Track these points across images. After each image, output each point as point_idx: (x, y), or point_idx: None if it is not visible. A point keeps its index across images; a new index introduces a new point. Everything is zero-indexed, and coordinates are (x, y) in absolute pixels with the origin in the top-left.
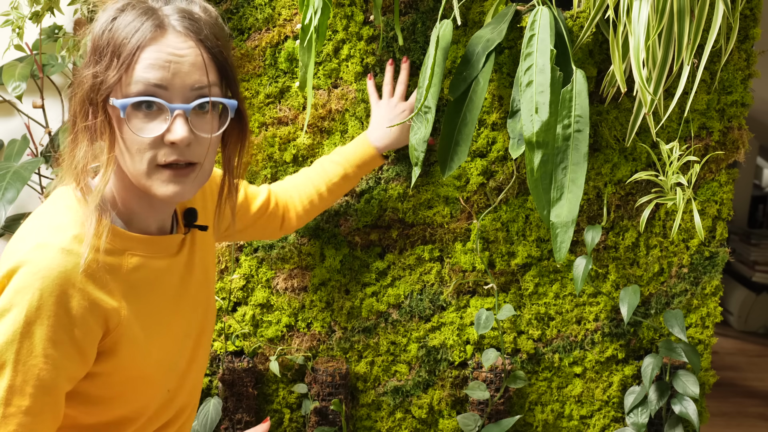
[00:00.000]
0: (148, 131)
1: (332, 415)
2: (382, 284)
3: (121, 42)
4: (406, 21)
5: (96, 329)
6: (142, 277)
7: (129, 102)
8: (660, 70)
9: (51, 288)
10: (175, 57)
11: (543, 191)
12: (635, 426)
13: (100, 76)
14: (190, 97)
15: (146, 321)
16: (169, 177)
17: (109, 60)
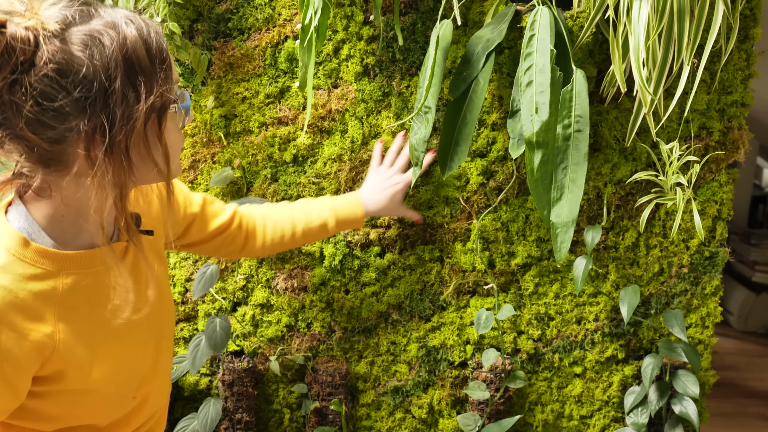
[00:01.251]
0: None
1: (332, 415)
2: (382, 284)
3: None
4: (406, 21)
5: (28, 362)
6: (81, 295)
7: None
8: (660, 70)
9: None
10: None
11: (543, 191)
12: (635, 426)
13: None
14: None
15: (90, 338)
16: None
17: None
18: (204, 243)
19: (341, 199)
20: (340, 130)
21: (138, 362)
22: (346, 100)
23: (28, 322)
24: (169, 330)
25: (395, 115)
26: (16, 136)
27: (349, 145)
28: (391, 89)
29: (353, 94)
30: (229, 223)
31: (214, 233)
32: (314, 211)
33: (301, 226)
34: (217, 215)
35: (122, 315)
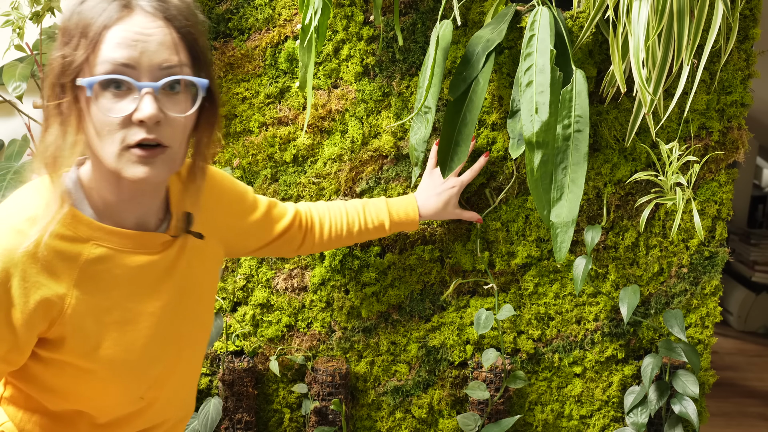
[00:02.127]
0: (117, 111)
1: (332, 415)
2: (382, 284)
3: (88, 22)
4: (406, 21)
5: (34, 315)
6: (106, 269)
7: (96, 80)
8: (660, 70)
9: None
10: (143, 36)
11: (543, 191)
12: (635, 426)
13: (69, 57)
14: (158, 76)
15: (103, 314)
16: (138, 158)
17: (77, 41)
18: (266, 246)
19: (398, 202)
20: (340, 130)
21: (151, 360)
22: (346, 100)
23: (43, 277)
24: (196, 341)
25: (395, 115)
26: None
27: (349, 145)
28: (391, 89)
29: (353, 94)
30: (290, 224)
31: (277, 236)
32: (371, 210)
33: (357, 225)
34: (281, 218)
35: (144, 305)
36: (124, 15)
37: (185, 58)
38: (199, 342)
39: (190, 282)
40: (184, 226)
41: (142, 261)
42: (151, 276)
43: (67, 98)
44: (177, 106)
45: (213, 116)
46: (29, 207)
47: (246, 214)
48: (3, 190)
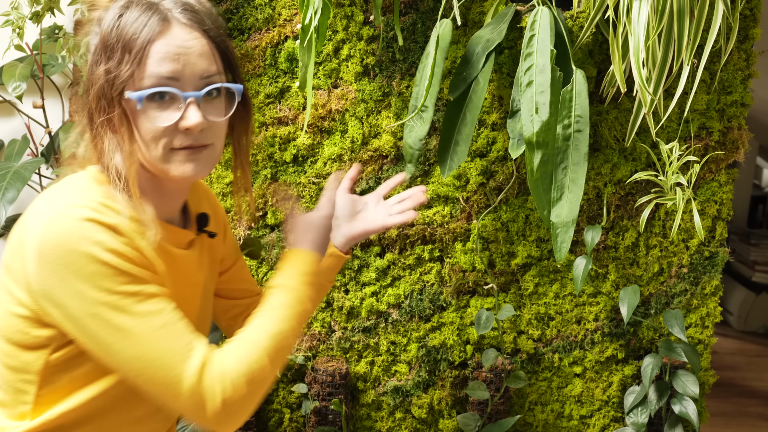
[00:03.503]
0: (163, 120)
1: (332, 415)
2: (382, 284)
3: (131, 38)
4: (406, 21)
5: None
6: (161, 256)
7: (145, 94)
8: (660, 70)
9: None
10: (183, 49)
11: (543, 191)
12: (635, 426)
13: (113, 71)
14: (199, 85)
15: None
16: (185, 156)
17: (120, 56)
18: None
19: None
20: (340, 130)
21: None
22: (346, 100)
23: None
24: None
25: (395, 115)
26: None
27: (349, 145)
28: (391, 89)
29: (353, 94)
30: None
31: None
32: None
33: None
34: (250, 279)
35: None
36: (164, 29)
37: (221, 66)
38: None
39: (208, 279)
40: (201, 225)
41: (180, 254)
42: (190, 268)
43: (117, 111)
44: (216, 110)
45: (248, 116)
46: (96, 192)
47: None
48: (3, 191)
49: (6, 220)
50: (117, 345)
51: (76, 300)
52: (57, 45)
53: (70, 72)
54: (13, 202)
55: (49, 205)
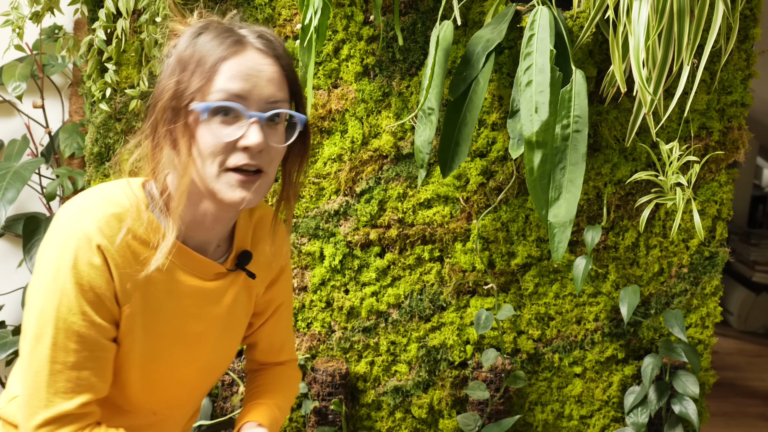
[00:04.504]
0: (225, 135)
1: (332, 415)
2: (382, 284)
3: (204, 54)
4: (406, 21)
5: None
6: (164, 281)
7: (211, 105)
8: (660, 70)
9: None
10: (255, 71)
11: (541, 191)
12: (635, 426)
13: (184, 83)
14: (265, 108)
15: (152, 326)
16: (237, 181)
17: (193, 69)
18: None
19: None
20: (340, 130)
21: (177, 381)
22: (346, 100)
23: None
24: (218, 373)
25: (395, 115)
26: None
27: (349, 145)
28: (391, 89)
29: (353, 94)
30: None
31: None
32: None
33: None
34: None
35: (188, 326)
36: (238, 50)
37: (287, 94)
38: (221, 372)
39: (232, 316)
40: (240, 262)
41: (195, 283)
42: (199, 300)
43: (181, 122)
44: (277, 136)
45: (304, 149)
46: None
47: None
48: (3, 190)
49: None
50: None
51: (32, 284)
52: (57, 45)
53: (70, 72)
54: (13, 202)
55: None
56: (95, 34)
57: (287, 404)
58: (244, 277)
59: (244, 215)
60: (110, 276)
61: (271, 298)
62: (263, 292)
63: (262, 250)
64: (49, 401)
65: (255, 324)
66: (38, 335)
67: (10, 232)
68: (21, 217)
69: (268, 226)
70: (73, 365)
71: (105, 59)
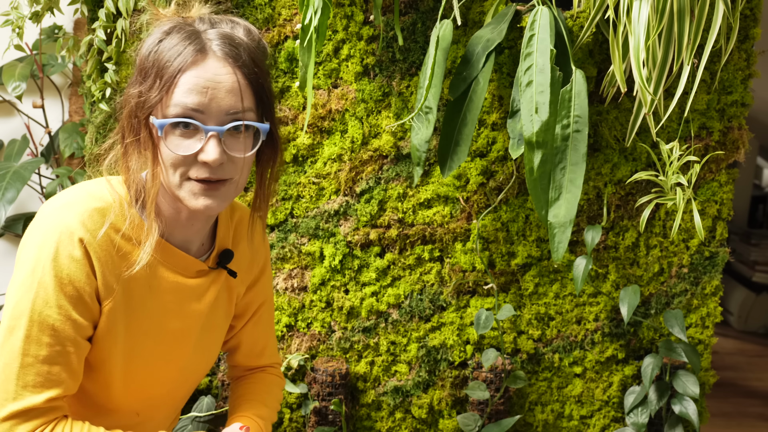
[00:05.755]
0: (184, 149)
1: (332, 415)
2: (382, 284)
3: (164, 65)
4: (406, 21)
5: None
6: (146, 276)
7: (166, 123)
8: (660, 70)
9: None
10: (213, 83)
11: (541, 191)
12: (635, 426)
13: (144, 95)
14: (224, 120)
15: (133, 322)
16: (200, 190)
17: (152, 81)
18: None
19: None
20: (340, 130)
21: (159, 380)
22: (346, 100)
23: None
24: (201, 372)
25: (395, 115)
26: None
27: (349, 145)
28: (391, 89)
29: (353, 94)
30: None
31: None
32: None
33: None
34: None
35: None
36: (198, 59)
37: (250, 103)
38: (202, 374)
39: (213, 315)
40: (222, 260)
41: (177, 280)
42: (180, 297)
43: (144, 133)
44: (239, 145)
45: (274, 153)
46: (99, 199)
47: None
48: (3, 190)
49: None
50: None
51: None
52: (57, 45)
53: (69, 72)
54: (13, 202)
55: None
56: (95, 34)
57: (272, 414)
58: (226, 276)
59: (225, 215)
60: (91, 270)
61: (252, 299)
62: (244, 293)
63: (243, 250)
64: (18, 394)
65: (236, 326)
66: (12, 327)
67: (10, 232)
68: (21, 217)
69: (247, 226)
70: (45, 359)
71: (105, 59)
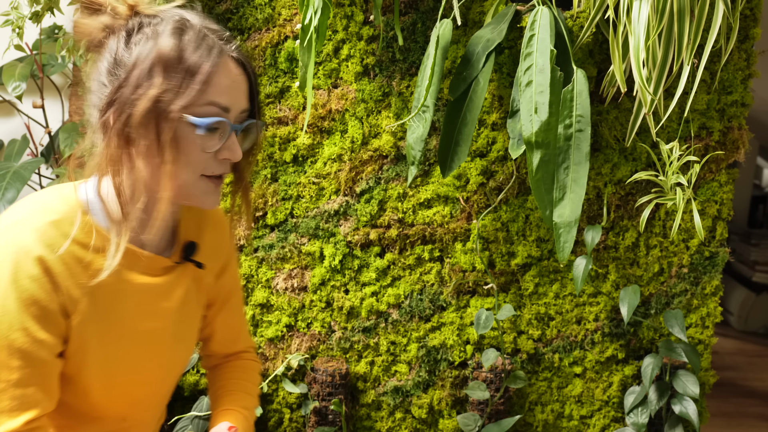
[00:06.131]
0: (211, 146)
1: (332, 415)
2: (382, 284)
3: (194, 64)
4: (406, 21)
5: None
6: (112, 282)
7: (209, 122)
8: (660, 70)
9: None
10: (236, 83)
11: (545, 191)
12: (635, 426)
13: (171, 92)
14: (240, 119)
15: (105, 329)
16: (213, 188)
17: (183, 77)
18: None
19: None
20: (340, 130)
21: (141, 381)
22: (346, 100)
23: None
24: (181, 367)
25: (395, 115)
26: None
27: (349, 145)
28: (391, 89)
29: (353, 94)
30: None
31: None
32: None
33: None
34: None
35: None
36: (223, 60)
37: (250, 103)
38: (183, 367)
39: (185, 309)
40: (186, 253)
41: (144, 281)
42: (150, 296)
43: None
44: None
45: (257, 149)
46: (53, 211)
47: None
48: (3, 190)
49: None
50: None
51: None
52: (57, 45)
53: (69, 72)
54: (13, 202)
55: (8, 214)
56: None
57: (255, 401)
58: (193, 268)
59: (185, 206)
60: (53, 287)
61: (221, 286)
62: (213, 282)
63: (208, 240)
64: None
65: (208, 315)
66: None
67: None
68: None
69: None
70: (17, 382)
71: None
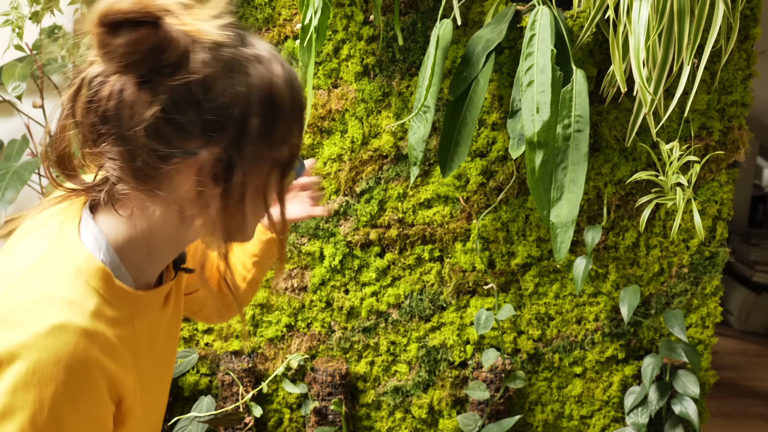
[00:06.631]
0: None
1: (332, 415)
2: (382, 284)
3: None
4: (406, 21)
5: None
6: (143, 338)
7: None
8: (660, 70)
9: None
10: None
11: (543, 191)
12: (635, 426)
13: (285, 138)
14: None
15: (145, 376)
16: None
17: (293, 123)
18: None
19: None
20: (340, 130)
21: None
22: (346, 100)
23: (117, 368)
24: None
25: (395, 115)
26: (122, 138)
27: (349, 145)
28: (391, 89)
29: (353, 94)
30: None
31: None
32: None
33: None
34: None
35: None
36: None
37: None
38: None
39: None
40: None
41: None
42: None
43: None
44: None
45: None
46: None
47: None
48: (2, 191)
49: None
50: None
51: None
52: (57, 45)
53: (70, 72)
54: (13, 202)
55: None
56: None
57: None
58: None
59: None
60: (109, 389)
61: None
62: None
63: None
64: None
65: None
66: None
67: None
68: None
69: None
70: None
71: None
